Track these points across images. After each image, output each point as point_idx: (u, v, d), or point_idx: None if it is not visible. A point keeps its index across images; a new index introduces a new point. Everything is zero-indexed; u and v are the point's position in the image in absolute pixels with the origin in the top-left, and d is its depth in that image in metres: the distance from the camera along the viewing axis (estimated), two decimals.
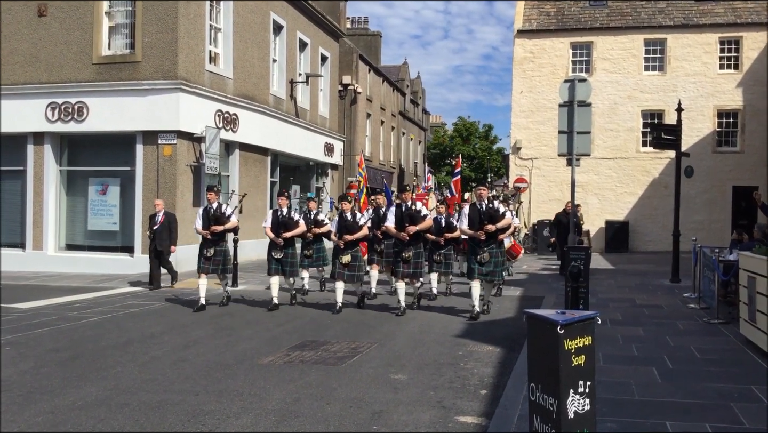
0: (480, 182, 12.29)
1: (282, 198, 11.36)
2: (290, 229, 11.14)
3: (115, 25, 17.24)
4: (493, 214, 9.98)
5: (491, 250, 10.04)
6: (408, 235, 10.33)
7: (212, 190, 11.36)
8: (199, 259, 11.21)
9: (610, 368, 6.85)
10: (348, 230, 10.94)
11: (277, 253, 11.10)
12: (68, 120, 16.99)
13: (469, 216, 10.12)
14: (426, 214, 10.64)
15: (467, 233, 10.20)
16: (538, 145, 27.44)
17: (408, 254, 10.43)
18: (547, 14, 28.26)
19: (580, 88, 12.83)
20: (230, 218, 11.26)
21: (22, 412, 5.58)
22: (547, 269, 18.95)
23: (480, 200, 10.11)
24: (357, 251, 11.08)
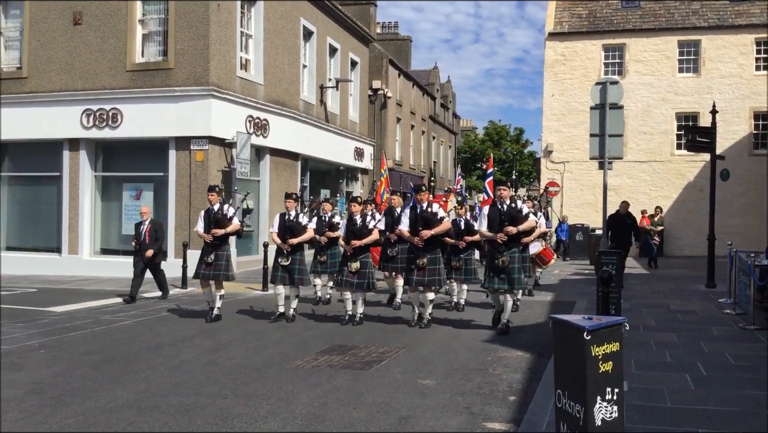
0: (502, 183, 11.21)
1: (289, 201, 10.57)
2: (297, 234, 10.35)
3: (148, 33, 17.51)
4: (514, 216, 9.14)
5: (512, 254, 9.11)
6: (422, 239, 9.52)
7: (213, 190, 10.73)
8: (198, 264, 10.54)
9: (643, 375, 6.73)
10: (356, 234, 10.04)
11: (283, 259, 10.30)
12: (103, 126, 17.28)
13: (488, 217, 9.32)
14: (443, 217, 9.80)
15: (486, 235, 9.37)
16: (570, 149, 27.19)
17: (423, 260, 9.52)
18: (578, 16, 28.02)
19: (612, 90, 12.69)
20: (232, 221, 10.59)
21: (54, 414, 5.67)
22: (580, 273, 18.75)
23: (501, 200, 9.33)
24: (367, 258, 10.14)
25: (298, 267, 10.31)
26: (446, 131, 48.77)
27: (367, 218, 10.20)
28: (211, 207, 10.61)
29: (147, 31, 17.51)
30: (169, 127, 16.73)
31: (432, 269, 9.59)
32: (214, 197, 10.61)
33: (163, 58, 17.20)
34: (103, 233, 18.14)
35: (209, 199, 10.72)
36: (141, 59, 17.38)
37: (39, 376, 6.97)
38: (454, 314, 11.08)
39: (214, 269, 10.42)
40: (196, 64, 16.67)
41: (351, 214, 10.23)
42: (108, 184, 18.19)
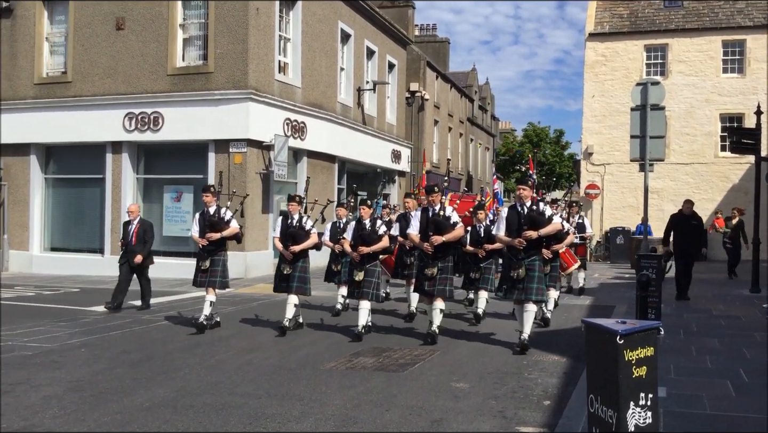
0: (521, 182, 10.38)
1: (292, 204, 9.67)
2: (299, 240, 9.46)
3: (188, 37, 17.78)
4: (535, 219, 8.25)
5: (532, 262, 8.24)
6: (432, 246, 8.66)
7: (208, 191, 9.96)
8: (195, 272, 9.91)
9: (682, 381, 6.59)
10: (364, 240, 9.17)
11: (285, 267, 9.44)
12: (145, 130, 17.60)
13: (506, 220, 8.41)
14: (456, 222, 8.82)
15: (503, 240, 8.44)
16: (611, 151, 26.81)
17: (432, 270, 8.70)
18: (619, 16, 27.63)
19: (653, 91, 12.48)
20: (230, 224, 9.83)
21: (92, 412, 5.78)
22: (620, 277, 18.46)
23: (520, 202, 8.42)
24: (374, 266, 9.29)
25: (298, 275, 9.46)
26: (484, 133, 48.50)
27: (377, 223, 9.42)
28: (206, 209, 9.86)
29: (187, 36, 17.78)
30: (209, 130, 16.96)
31: (443, 279, 8.80)
32: (209, 198, 9.85)
33: (203, 62, 17.45)
34: None
35: (204, 200, 9.92)
36: (182, 63, 17.66)
37: (79, 374, 7.12)
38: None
39: (210, 275, 9.71)
40: (235, 68, 16.87)
41: (360, 218, 9.42)
42: (149, 187, 18.51)
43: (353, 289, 9.23)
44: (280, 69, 18.54)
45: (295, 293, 9.45)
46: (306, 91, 19.51)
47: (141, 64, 17.71)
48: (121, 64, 17.90)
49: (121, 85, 17.89)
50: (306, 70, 19.50)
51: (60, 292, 14.63)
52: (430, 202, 8.94)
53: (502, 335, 9.41)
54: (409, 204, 10.72)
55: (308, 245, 9.56)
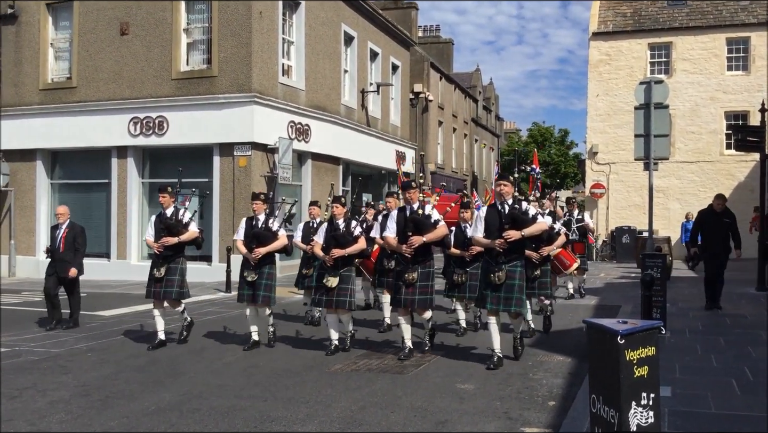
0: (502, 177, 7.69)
1: (257, 202, 8.71)
2: (265, 242, 8.53)
3: (192, 42, 17.85)
4: (518, 218, 7.32)
5: (513, 268, 7.37)
6: (411, 248, 7.75)
7: (165, 191, 9.00)
8: (149, 281, 8.90)
9: (687, 380, 6.59)
10: (338, 242, 8.23)
11: (249, 274, 8.52)
12: (149, 134, 17.66)
13: (485, 220, 7.51)
14: (437, 220, 7.88)
15: (481, 242, 7.57)
16: (616, 150, 26.79)
17: (412, 274, 7.76)
18: (623, 15, 27.61)
19: (657, 89, 12.47)
20: (188, 227, 8.87)
21: (98, 416, 5.82)
22: (626, 277, 18.43)
23: (501, 199, 7.51)
24: (349, 271, 8.31)
25: (265, 282, 8.56)
26: (489, 134, 48.47)
27: (352, 223, 8.44)
28: (164, 211, 8.95)
29: (191, 40, 17.84)
30: (213, 134, 17.01)
31: (423, 286, 7.86)
32: (166, 199, 8.95)
33: (207, 66, 17.51)
34: None
35: (161, 201, 9.03)
36: (186, 67, 17.73)
37: (86, 378, 7.16)
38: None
39: (166, 285, 8.74)
40: (239, 72, 16.93)
41: (332, 218, 8.43)
42: (155, 191, 18.52)
43: (322, 296, 8.22)
44: (284, 72, 18.58)
45: (262, 303, 8.58)
46: (310, 93, 19.55)
47: (145, 69, 17.78)
48: (126, 69, 17.97)
49: (126, 89, 17.96)
50: (309, 72, 19.54)
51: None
52: (407, 199, 7.98)
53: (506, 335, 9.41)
54: (391, 203, 9.50)
55: (275, 248, 8.62)
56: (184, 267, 9.02)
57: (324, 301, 8.24)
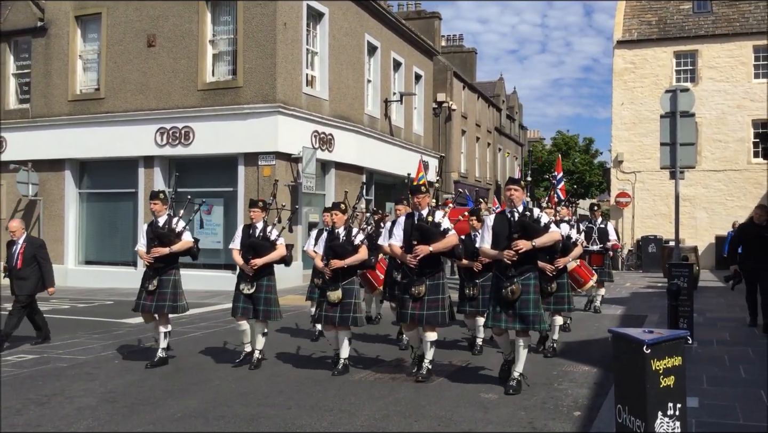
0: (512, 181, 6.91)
1: (255, 210, 8.18)
2: (263, 253, 7.97)
3: (218, 53, 18.06)
4: (528, 226, 6.70)
5: (526, 282, 6.71)
6: (416, 258, 7.07)
7: (156, 197, 8.40)
8: (139, 293, 8.30)
9: (715, 391, 6.50)
10: (336, 252, 7.61)
11: (246, 286, 7.96)
12: (176, 144, 17.88)
13: (493, 229, 6.92)
14: (447, 229, 7.20)
15: (489, 254, 6.99)
16: (641, 158, 26.58)
17: (419, 288, 7.10)
18: (648, 24, 27.44)
19: (683, 98, 12.38)
20: (181, 236, 8.27)
21: (125, 422, 5.89)
22: (653, 286, 18.25)
23: (511, 206, 6.89)
24: (351, 284, 7.69)
25: (264, 296, 7.99)
26: (512, 143, 48.32)
27: (353, 231, 7.81)
28: (155, 219, 8.39)
29: (217, 51, 18.05)
30: (238, 144, 17.17)
31: (433, 300, 7.16)
32: (158, 206, 8.33)
33: (232, 77, 17.69)
34: None
35: (152, 208, 8.41)
36: (211, 78, 17.93)
37: (112, 385, 7.24)
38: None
39: (158, 299, 8.14)
40: (264, 82, 17.08)
41: (332, 226, 7.86)
42: (181, 200, 18.71)
43: (324, 312, 7.57)
44: (308, 82, 18.72)
45: (263, 319, 8.04)
46: (333, 103, 19.66)
47: (172, 80, 18.01)
48: (153, 80, 18.22)
49: (153, 100, 18.20)
50: (333, 82, 19.66)
51: (94, 304, 14.89)
52: (415, 205, 7.34)
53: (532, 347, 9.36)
54: (401, 210, 8.69)
55: (273, 259, 8.03)
56: (178, 279, 8.41)
57: (324, 317, 7.55)
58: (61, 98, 19.45)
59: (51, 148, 19.23)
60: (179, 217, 8.46)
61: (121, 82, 18.62)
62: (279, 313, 8.20)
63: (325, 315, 7.56)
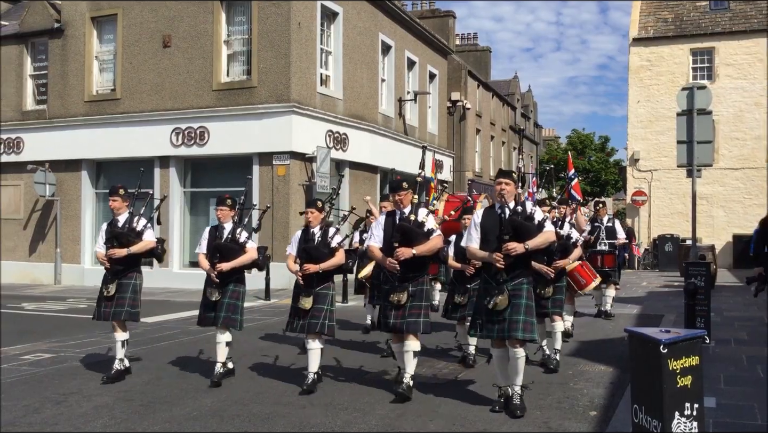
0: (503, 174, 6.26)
1: (222, 208, 7.45)
2: (230, 256, 7.24)
3: (233, 53, 18.13)
4: (520, 225, 5.94)
5: (518, 287, 5.96)
6: (397, 262, 6.38)
7: (116, 193, 7.74)
8: (98, 299, 7.68)
9: (733, 390, 6.45)
10: (311, 255, 6.92)
11: (213, 292, 7.24)
12: (191, 144, 17.97)
13: (481, 227, 6.14)
14: (432, 230, 6.55)
15: (477, 255, 6.19)
16: (658, 156, 26.39)
17: (400, 295, 6.41)
18: (664, 21, 27.23)
19: (700, 95, 12.26)
20: (142, 236, 7.60)
21: (141, 421, 5.92)
22: (669, 286, 18.11)
23: (502, 201, 6.07)
24: (326, 289, 6.98)
25: (228, 301, 7.27)
26: (527, 141, 48.14)
27: (330, 231, 7.04)
28: (115, 219, 7.71)
29: (231, 52, 18.12)
30: (253, 144, 17.23)
31: (415, 308, 6.47)
32: (118, 203, 7.69)
33: (246, 77, 17.76)
34: (191, 247, 18.79)
35: (111, 206, 7.78)
36: (226, 78, 18.00)
37: (128, 384, 7.28)
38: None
39: (116, 304, 7.46)
40: (278, 82, 17.13)
41: (306, 226, 7.12)
42: (196, 200, 18.87)
43: (297, 319, 6.92)
44: (322, 82, 18.75)
45: (222, 325, 7.25)
46: (348, 103, 19.68)
47: (187, 81, 18.10)
48: (168, 80, 18.32)
49: (168, 101, 18.30)
50: (347, 82, 19.68)
51: None
52: (396, 203, 6.72)
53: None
54: (387, 208, 8.02)
55: (241, 263, 7.33)
56: (138, 283, 7.72)
57: (297, 325, 6.93)
58: (78, 99, 19.60)
59: (68, 149, 19.39)
60: (140, 214, 7.77)
61: (137, 82, 18.74)
62: (240, 322, 7.40)
63: (299, 323, 6.91)
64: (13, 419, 6.00)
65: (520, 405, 5.95)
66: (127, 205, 7.76)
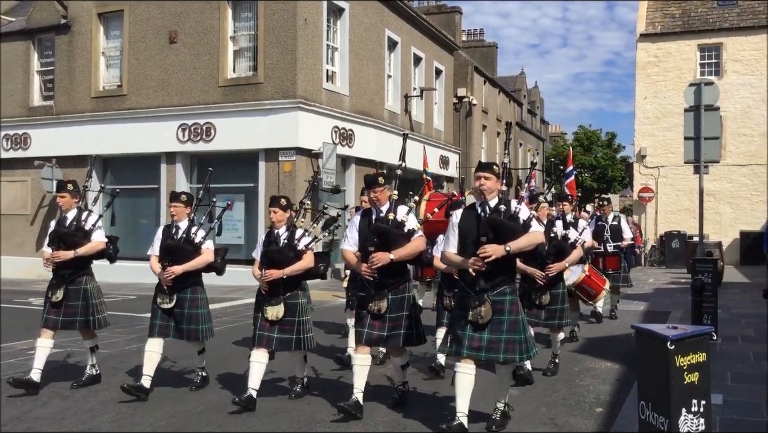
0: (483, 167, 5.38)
1: (176, 205, 6.73)
2: (183, 259, 6.52)
3: (239, 49, 18.13)
4: (500, 226, 5.11)
5: (500, 298, 5.14)
6: (371, 268, 5.66)
7: (64, 189, 6.97)
8: (44, 306, 6.91)
9: (739, 387, 6.43)
10: (272, 259, 6.18)
11: (164, 299, 6.58)
12: (197, 140, 17.99)
13: (459, 228, 5.33)
14: (413, 230, 5.79)
15: (453, 261, 5.33)
16: (665, 153, 26.29)
17: (380, 304, 5.67)
18: (671, 16, 27.11)
19: (707, 91, 12.21)
20: (90, 236, 6.87)
21: (147, 415, 5.94)
22: (676, 282, 18.06)
23: (481, 198, 5.27)
24: (296, 298, 6.22)
25: (188, 312, 6.57)
26: (534, 138, 48.04)
27: (298, 232, 6.26)
28: (63, 217, 6.99)
29: (238, 48, 18.13)
30: (259, 140, 17.25)
31: (397, 319, 5.75)
32: (66, 200, 6.93)
33: (253, 73, 17.77)
34: None
35: (58, 202, 7.08)
36: (232, 75, 18.01)
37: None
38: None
39: (65, 313, 6.76)
40: (284, 78, 17.13)
41: (271, 226, 6.42)
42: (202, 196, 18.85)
43: (263, 332, 6.11)
44: (328, 78, 18.74)
45: (187, 339, 6.66)
46: (354, 99, 19.67)
47: (193, 77, 18.12)
48: (174, 76, 18.34)
49: (175, 97, 18.33)
50: (353, 78, 19.67)
51: (118, 299, 15.05)
52: (371, 201, 6.01)
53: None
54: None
55: (195, 266, 6.57)
56: (90, 288, 6.93)
57: (262, 338, 6.06)
58: (84, 95, 19.64)
59: (74, 145, 19.43)
60: (90, 211, 7.03)
61: (144, 78, 18.76)
62: (208, 332, 6.78)
63: (258, 334, 6.08)
64: (19, 414, 6.03)
65: (499, 421, 5.41)
66: (76, 202, 7.01)
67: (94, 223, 6.95)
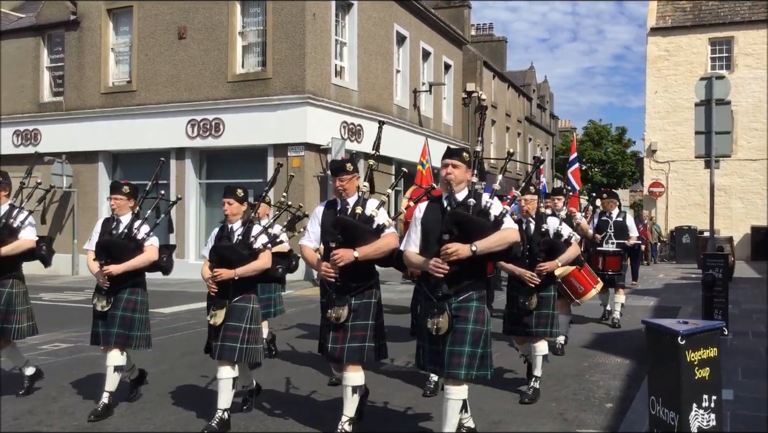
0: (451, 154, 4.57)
1: (116, 197, 6.10)
2: (122, 257, 5.84)
3: (247, 44, 18.14)
4: (466, 222, 4.37)
5: (464, 305, 4.43)
6: (331, 268, 4.88)
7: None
8: None
9: (751, 383, 6.38)
10: (222, 257, 5.44)
11: (100, 301, 5.85)
12: (206, 136, 18.03)
13: (422, 225, 4.63)
14: (382, 226, 4.91)
15: (414, 262, 4.62)
16: (676, 147, 26.16)
17: (339, 311, 4.89)
18: (682, 10, 26.94)
19: (718, 85, 12.12)
20: (19, 233, 6.19)
21: (157, 409, 5.98)
22: (686, 278, 17.98)
23: (448, 190, 4.61)
24: (246, 301, 5.44)
25: (121, 314, 5.86)
26: (543, 132, 47.88)
27: (254, 228, 5.58)
28: None
29: (246, 43, 18.14)
30: (268, 135, 17.26)
31: (359, 328, 4.97)
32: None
33: (261, 68, 17.78)
34: (207, 239, 18.86)
35: None
36: (241, 70, 18.03)
37: None
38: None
39: None
40: (293, 73, 17.13)
41: (224, 223, 5.76)
42: (211, 191, 18.93)
43: (212, 341, 5.44)
44: (337, 73, 18.73)
45: (115, 345, 5.80)
46: (362, 94, 19.64)
47: (202, 72, 18.14)
48: (183, 72, 18.37)
49: (184, 92, 18.36)
50: (362, 73, 19.64)
51: None
52: (337, 190, 5.23)
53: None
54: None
55: (137, 265, 5.92)
56: (16, 292, 6.33)
57: (213, 347, 5.40)
58: (94, 91, 19.71)
59: (84, 141, 19.51)
60: (21, 207, 6.33)
61: (153, 74, 18.80)
62: (143, 340, 6.00)
63: (214, 345, 5.39)
64: (30, 408, 6.06)
65: None
66: (6, 196, 6.31)
67: (23, 220, 6.22)
